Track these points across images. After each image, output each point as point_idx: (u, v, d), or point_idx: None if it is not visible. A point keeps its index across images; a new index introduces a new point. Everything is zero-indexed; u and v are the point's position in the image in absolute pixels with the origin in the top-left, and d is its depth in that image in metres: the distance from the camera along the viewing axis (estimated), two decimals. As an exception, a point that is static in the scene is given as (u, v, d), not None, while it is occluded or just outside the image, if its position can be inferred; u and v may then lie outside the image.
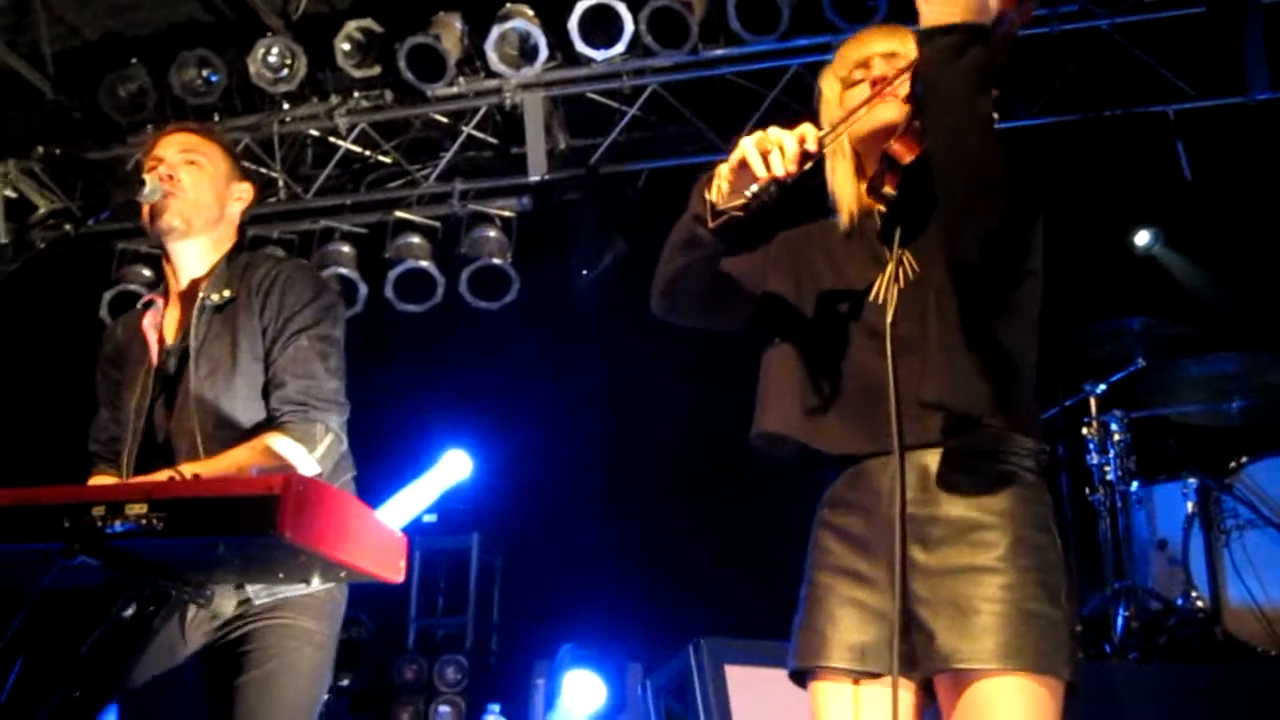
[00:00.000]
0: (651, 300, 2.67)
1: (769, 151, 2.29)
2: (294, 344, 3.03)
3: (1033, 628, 2.24)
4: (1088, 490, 5.55)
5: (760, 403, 2.58)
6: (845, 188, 2.62)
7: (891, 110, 2.46)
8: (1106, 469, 5.45)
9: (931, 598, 2.30)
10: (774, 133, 2.32)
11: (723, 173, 2.40)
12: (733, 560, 6.55)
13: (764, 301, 2.67)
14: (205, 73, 6.84)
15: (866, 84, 2.54)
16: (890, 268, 2.49)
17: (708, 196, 2.44)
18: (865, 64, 2.58)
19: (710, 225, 2.43)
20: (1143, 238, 6.44)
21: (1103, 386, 5.63)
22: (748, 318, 2.69)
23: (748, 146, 2.31)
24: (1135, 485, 5.43)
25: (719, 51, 6.40)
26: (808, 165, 2.31)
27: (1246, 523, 5.01)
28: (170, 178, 3.14)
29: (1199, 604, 5.02)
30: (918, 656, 2.31)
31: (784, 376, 2.55)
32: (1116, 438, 5.47)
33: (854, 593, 2.41)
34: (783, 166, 2.27)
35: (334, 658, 3.07)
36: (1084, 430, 5.56)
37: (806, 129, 2.33)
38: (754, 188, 2.28)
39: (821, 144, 2.33)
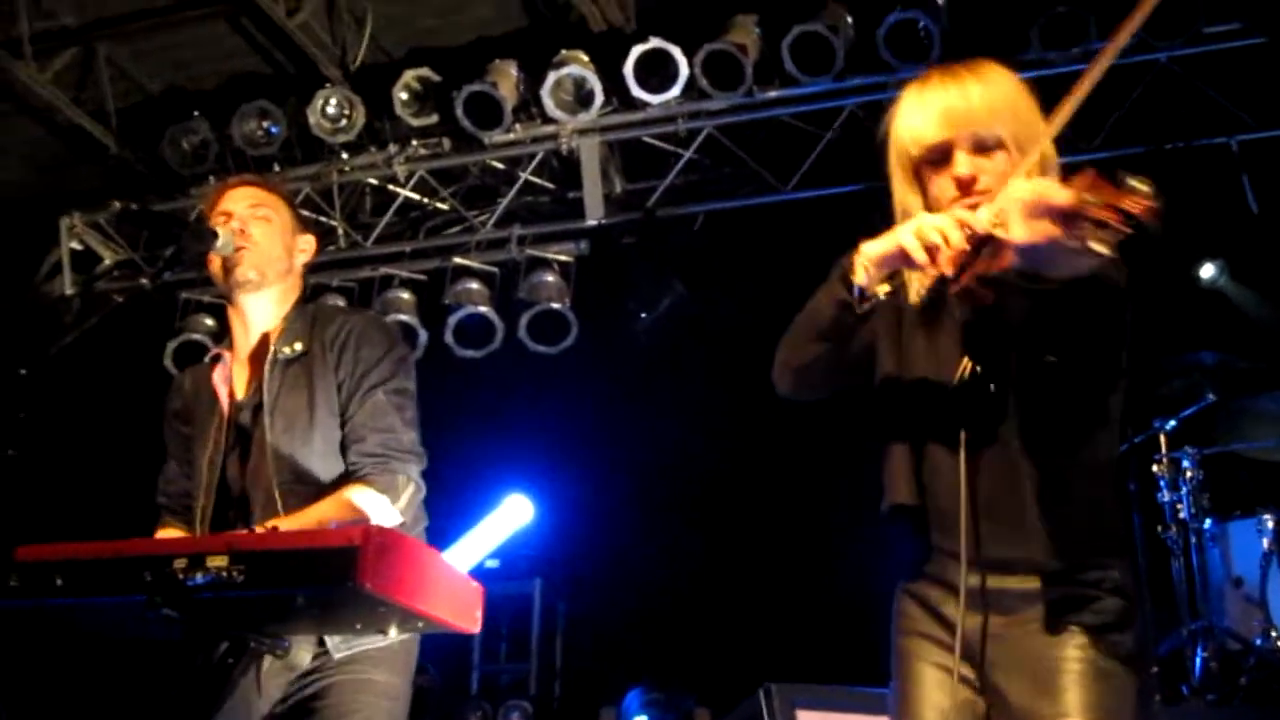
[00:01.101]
0: (776, 381, 2.62)
1: (934, 246, 2.20)
2: (371, 399, 3.06)
3: (1109, 686, 2.27)
4: (1160, 528, 5.47)
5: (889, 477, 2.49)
6: None
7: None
8: (1179, 506, 5.37)
9: (1006, 661, 2.33)
10: (931, 221, 2.23)
11: (869, 255, 2.33)
12: (801, 603, 6.50)
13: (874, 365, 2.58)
14: (265, 124, 6.94)
15: (954, 190, 2.38)
16: (966, 367, 2.39)
17: (854, 281, 2.37)
18: (946, 153, 2.39)
19: (858, 312, 2.39)
20: (1208, 270, 6.35)
21: (1173, 423, 5.56)
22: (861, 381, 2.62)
23: (907, 238, 2.23)
24: (1209, 523, 5.35)
25: (774, 93, 6.42)
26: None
27: (1325, 559, 4.92)
28: (243, 231, 3.18)
29: (1278, 643, 4.92)
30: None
31: (901, 451, 2.47)
32: (1188, 474, 5.40)
33: (936, 657, 2.41)
34: (952, 266, 2.19)
35: (408, 709, 3.07)
36: (1155, 467, 5.49)
37: (967, 215, 2.22)
38: (921, 287, 2.22)
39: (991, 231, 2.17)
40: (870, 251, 2.33)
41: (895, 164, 2.50)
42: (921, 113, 2.42)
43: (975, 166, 2.37)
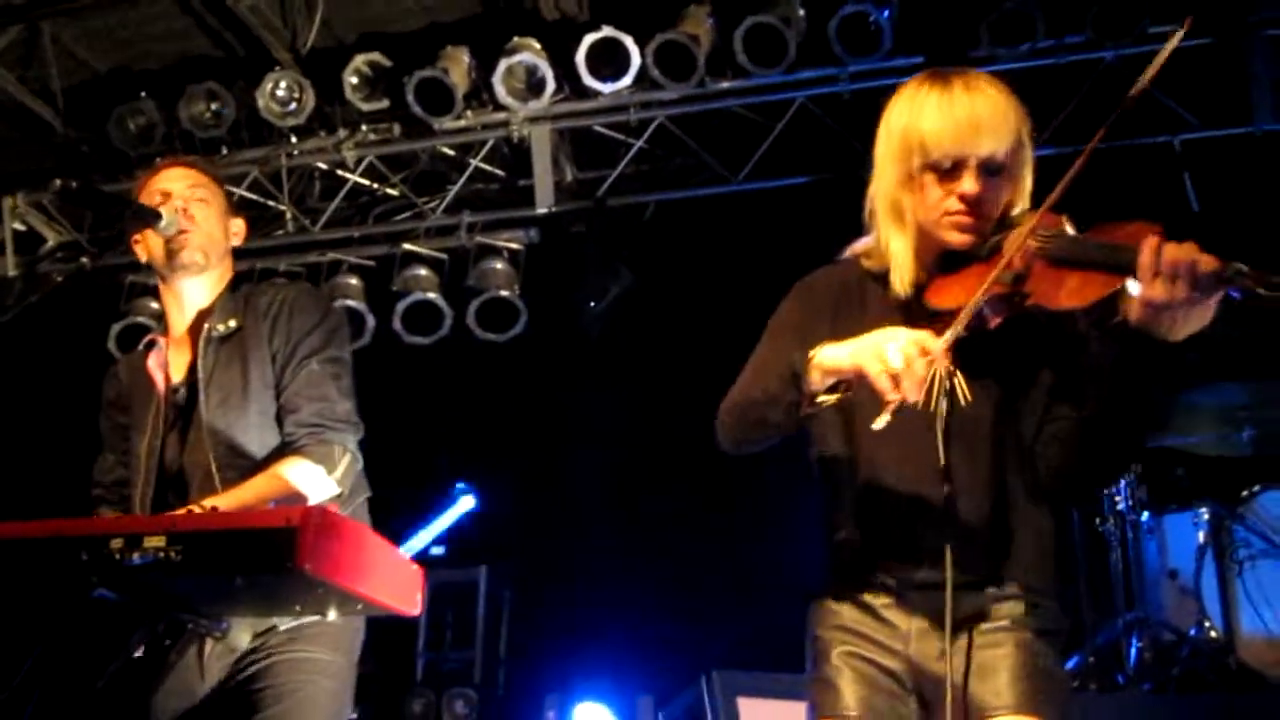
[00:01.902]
0: (720, 441, 2.66)
1: (897, 376, 2.22)
2: (305, 368, 3.04)
3: (1046, 681, 2.41)
4: (1098, 521, 5.55)
5: (843, 506, 2.56)
6: (904, 257, 2.53)
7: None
8: (1117, 499, 5.45)
9: (957, 660, 2.42)
10: (895, 349, 2.24)
11: (825, 364, 2.36)
12: (744, 592, 6.53)
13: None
14: (214, 106, 6.87)
15: (959, 213, 2.43)
16: (940, 379, 2.40)
17: (805, 387, 2.39)
18: (958, 165, 2.42)
19: (804, 411, 2.43)
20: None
21: (1111, 417, 5.62)
22: None
23: (870, 363, 2.26)
24: (1146, 516, 5.43)
25: (725, 84, 6.43)
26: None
27: (1259, 552, 5.02)
28: (186, 212, 3.16)
29: (1212, 634, 5.01)
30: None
31: (847, 472, 2.54)
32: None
33: (864, 650, 2.49)
34: (916, 394, 2.22)
35: (353, 686, 3.06)
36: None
37: (927, 342, 2.25)
38: (886, 417, 2.22)
39: (952, 355, 2.29)
40: (827, 362, 2.37)
41: (895, 157, 2.50)
42: (945, 119, 2.42)
43: (984, 186, 2.42)
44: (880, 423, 2.22)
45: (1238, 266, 2.12)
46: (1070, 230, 2.36)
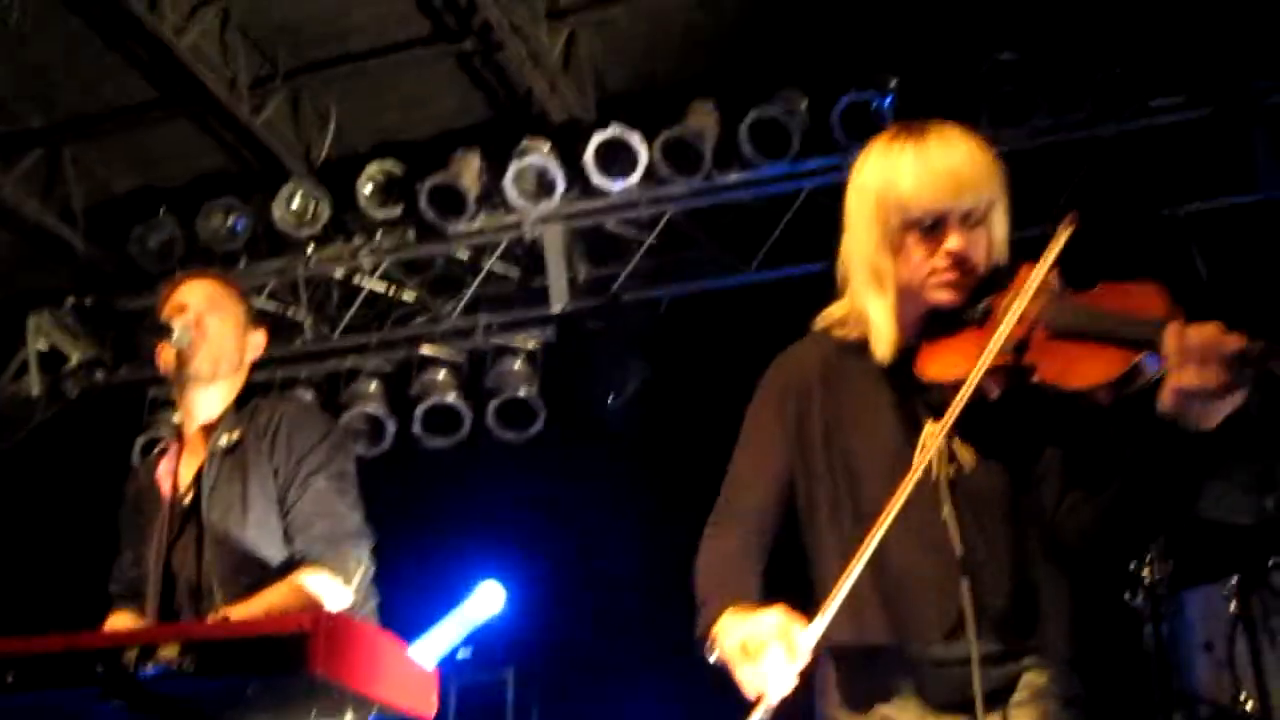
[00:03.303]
0: None
1: (764, 683, 2.17)
2: (311, 486, 3.10)
3: None
4: (1128, 595, 5.47)
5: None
6: (885, 323, 2.40)
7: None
8: (1145, 574, 5.38)
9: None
10: (760, 657, 2.18)
11: (722, 644, 2.31)
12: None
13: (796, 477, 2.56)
14: (231, 220, 6.99)
15: (946, 271, 2.33)
16: (930, 439, 2.29)
17: (708, 651, 2.36)
18: (939, 221, 2.31)
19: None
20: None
21: (1134, 489, 5.57)
22: None
23: (738, 670, 2.23)
24: (1177, 588, 5.35)
25: (733, 177, 6.49)
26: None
27: (1291, 620, 4.93)
28: (198, 324, 3.22)
29: (1248, 706, 4.92)
30: None
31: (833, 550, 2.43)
32: (1152, 540, 5.40)
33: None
34: (777, 694, 2.17)
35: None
36: (1119, 535, 5.49)
37: (791, 634, 2.18)
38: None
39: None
40: (723, 641, 2.30)
41: (872, 218, 2.38)
42: (923, 174, 2.31)
43: (968, 240, 2.32)
44: None
45: (1273, 345, 2.00)
46: (1058, 285, 2.26)
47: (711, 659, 2.36)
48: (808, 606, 2.27)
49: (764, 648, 2.18)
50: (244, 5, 6.21)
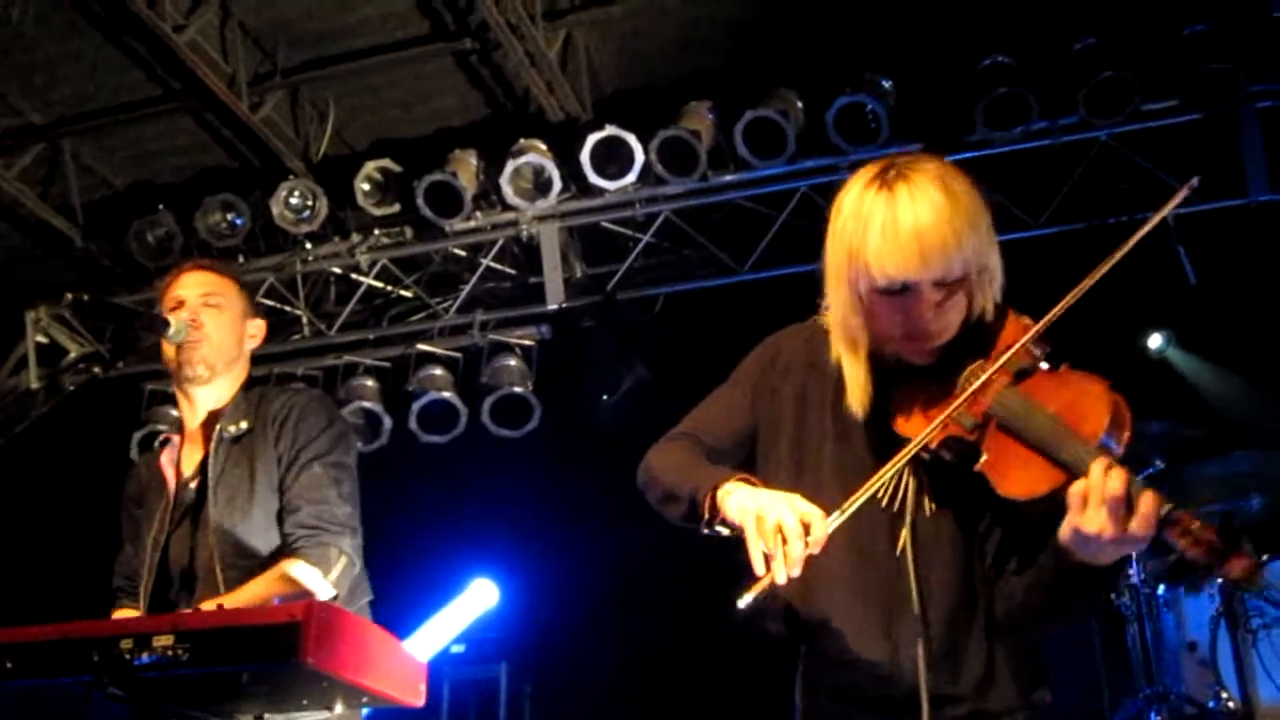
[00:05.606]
0: (640, 487, 2.68)
1: (771, 555, 2.17)
2: (308, 471, 3.12)
3: None
4: (1114, 595, 5.52)
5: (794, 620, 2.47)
6: (858, 383, 2.40)
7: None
8: (1131, 573, 5.43)
9: None
10: (780, 523, 2.18)
11: (721, 505, 2.31)
12: (764, 687, 6.49)
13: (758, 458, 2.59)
14: (229, 216, 7.03)
15: (916, 334, 2.29)
16: (896, 476, 2.32)
17: (702, 514, 2.36)
18: (910, 288, 2.25)
19: (701, 531, 2.41)
20: (1155, 340, 6.50)
21: (1122, 491, 5.62)
22: None
23: (750, 534, 2.20)
24: (1162, 589, 5.41)
25: (728, 177, 6.55)
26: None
27: (1272, 620, 4.99)
28: (194, 321, 3.25)
29: (1230, 705, 4.97)
30: None
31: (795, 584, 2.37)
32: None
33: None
34: (785, 574, 2.16)
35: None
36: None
37: (815, 524, 2.18)
38: (750, 596, 2.18)
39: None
40: (726, 506, 2.30)
41: (843, 278, 2.32)
42: (889, 242, 2.22)
43: (941, 300, 2.26)
44: (743, 602, 2.17)
45: (1177, 514, 2.00)
46: (1041, 353, 2.30)
47: (708, 530, 2.36)
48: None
49: (781, 523, 2.18)
50: (244, 3, 6.26)
